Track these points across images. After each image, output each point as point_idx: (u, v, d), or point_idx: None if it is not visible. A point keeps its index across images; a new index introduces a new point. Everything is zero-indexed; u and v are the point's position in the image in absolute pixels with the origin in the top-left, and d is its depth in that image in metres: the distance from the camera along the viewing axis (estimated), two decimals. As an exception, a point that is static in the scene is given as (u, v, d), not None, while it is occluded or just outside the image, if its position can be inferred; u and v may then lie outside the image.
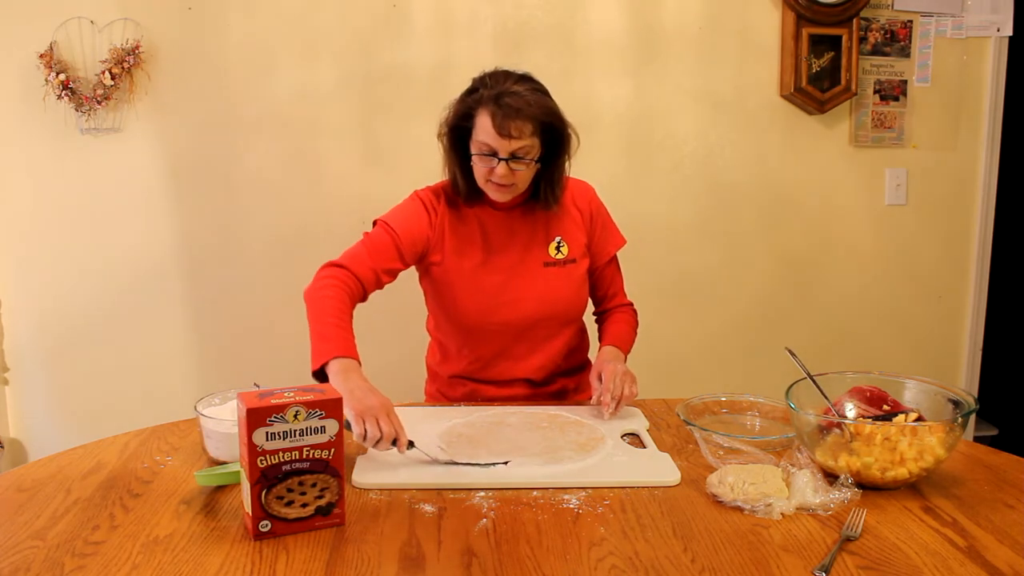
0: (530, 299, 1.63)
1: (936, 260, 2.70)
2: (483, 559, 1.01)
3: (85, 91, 2.34)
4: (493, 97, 1.49)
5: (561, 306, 1.66)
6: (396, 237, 1.59)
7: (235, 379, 2.42)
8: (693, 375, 2.67)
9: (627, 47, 2.49)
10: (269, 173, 2.46)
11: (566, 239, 1.66)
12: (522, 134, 1.49)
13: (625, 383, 1.51)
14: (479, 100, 1.51)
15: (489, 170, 1.53)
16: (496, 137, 1.49)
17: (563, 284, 1.65)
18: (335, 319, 1.45)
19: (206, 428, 1.30)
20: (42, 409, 2.54)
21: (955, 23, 2.56)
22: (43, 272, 2.46)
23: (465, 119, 1.55)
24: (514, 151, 1.50)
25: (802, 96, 2.51)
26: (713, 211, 2.60)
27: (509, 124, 1.47)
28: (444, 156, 1.62)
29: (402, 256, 1.61)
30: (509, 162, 1.51)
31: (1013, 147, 2.81)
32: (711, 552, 1.02)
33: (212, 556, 1.01)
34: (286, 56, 2.42)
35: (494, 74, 1.55)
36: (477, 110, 1.52)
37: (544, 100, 1.53)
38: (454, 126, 1.57)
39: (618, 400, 1.49)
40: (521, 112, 1.48)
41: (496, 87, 1.50)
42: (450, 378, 1.74)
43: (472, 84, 1.57)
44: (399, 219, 1.62)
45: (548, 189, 1.61)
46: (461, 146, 1.58)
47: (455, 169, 1.61)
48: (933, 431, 1.18)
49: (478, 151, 1.53)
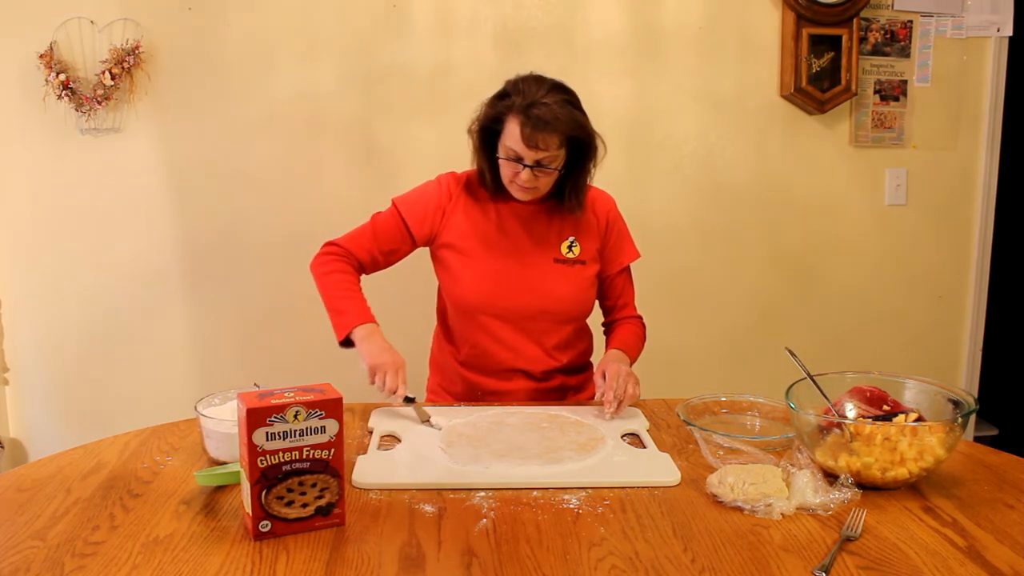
0: (534, 291, 1.67)
1: (936, 260, 2.70)
2: (483, 559, 1.01)
3: (85, 91, 2.34)
4: (524, 107, 1.54)
5: (564, 304, 1.69)
6: (403, 219, 1.68)
7: (235, 379, 2.42)
8: (693, 375, 2.66)
9: (627, 47, 2.49)
10: (269, 173, 2.46)
11: (579, 240, 1.70)
12: (548, 146, 1.55)
13: (628, 383, 1.53)
14: (510, 107, 1.56)
15: (514, 173, 1.60)
16: (523, 146, 1.55)
17: (569, 282, 1.69)
18: (346, 291, 1.64)
19: (206, 428, 1.30)
20: (42, 409, 2.54)
21: (955, 23, 2.57)
22: (43, 272, 2.46)
23: (495, 122, 1.60)
24: (539, 160, 1.57)
25: (802, 96, 2.51)
26: (713, 211, 2.60)
27: (537, 136, 1.53)
28: (473, 151, 1.69)
29: (411, 237, 1.69)
30: (534, 169, 1.57)
31: (1013, 147, 2.81)
32: (711, 552, 1.02)
33: (212, 556, 1.01)
34: (286, 56, 2.42)
35: (527, 80, 1.59)
36: (507, 116, 1.57)
37: (573, 113, 1.57)
38: (484, 127, 1.63)
39: (620, 400, 1.50)
40: (549, 125, 1.52)
41: (528, 96, 1.54)
42: (451, 369, 1.76)
43: (504, 88, 1.62)
44: (411, 201, 1.71)
45: (573, 194, 1.66)
46: (490, 145, 1.64)
47: (484, 165, 1.67)
48: (933, 431, 1.18)
49: (505, 155, 1.59)
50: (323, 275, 1.67)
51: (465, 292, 1.68)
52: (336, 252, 1.69)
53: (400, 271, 2.20)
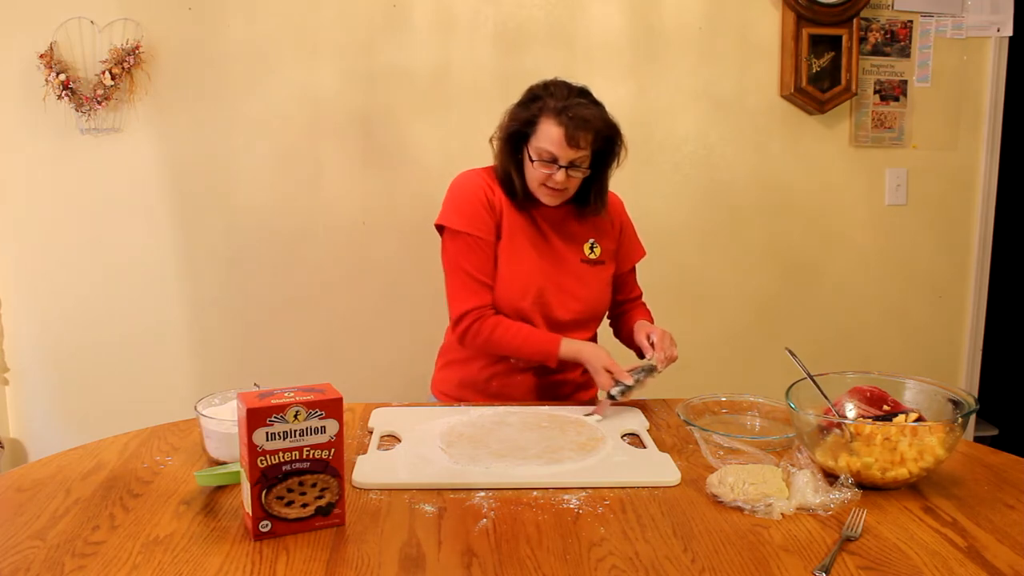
0: (569, 292, 1.71)
1: (936, 260, 2.70)
2: (483, 559, 1.01)
3: (85, 91, 2.34)
4: (560, 108, 1.57)
5: (592, 304, 1.75)
6: (483, 242, 1.66)
7: (235, 379, 2.42)
8: (693, 375, 2.66)
9: (627, 47, 2.49)
10: (269, 173, 2.46)
11: (599, 242, 1.75)
12: (587, 145, 1.59)
13: (674, 346, 1.62)
14: (543, 108, 1.59)
15: (547, 176, 1.61)
16: (563, 146, 1.57)
17: (596, 282, 1.75)
18: (526, 330, 1.65)
19: (206, 428, 1.30)
20: (42, 409, 2.54)
21: (955, 23, 2.56)
22: (43, 272, 2.46)
23: (527, 125, 1.62)
24: (573, 160, 1.60)
25: (802, 96, 2.51)
26: (713, 211, 2.60)
27: (579, 135, 1.56)
28: (498, 158, 1.70)
29: (492, 241, 1.68)
30: (568, 169, 1.60)
31: (1013, 147, 2.81)
32: (711, 552, 1.02)
33: (212, 556, 1.01)
34: (286, 56, 2.42)
35: (555, 84, 1.63)
36: (540, 118, 1.60)
37: (605, 114, 1.63)
38: (514, 131, 1.64)
39: (671, 360, 1.60)
40: (588, 123, 1.57)
41: (562, 99, 1.59)
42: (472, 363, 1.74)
43: (532, 93, 1.65)
44: (473, 223, 1.66)
45: (598, 196, 1.70)
46: (516, 151, 1.66)
47: (511, 170, 1.67)
48: (933, 431, 1.18)
49: (539, 157, 1.61)
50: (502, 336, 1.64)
51: (503, 291, 1.68)
52: (479, 316, 1.65)
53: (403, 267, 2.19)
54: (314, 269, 2.51)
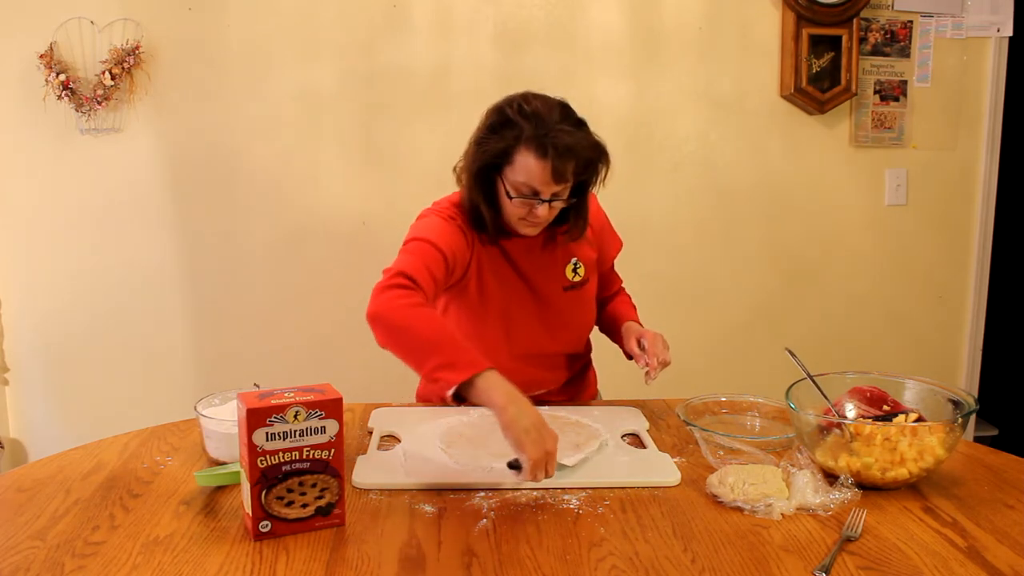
0: (553, 327, 1.61)
1: (936, 260, 2.70)
2: (483, 559, 1.01)
3: (85, 91, 2.34)
4: (539, 137, 1.37)
5: (579, 329, 1.67)
6: (444, 253, 1.44)
7: (235, 379, 2.42)
8: (693, 375, 2.66)
9: (627, 47, 2.49)
10: (269, 173, 2.46)
11: (581, 259, 1.62)
12: (571, 176, 1.43)
13: (666, 351, 1.53)
14: (519, 138, 1.39)
15: (527, 211, 1.44)
16: (545, 181, 1.39)
17: (580, 307, 1.65)
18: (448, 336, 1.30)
19: (206, 428, 1.30)
20: (42, 409, 2.54)
21: (955, 23, 2.56)
22: (43, 272, 2.46)
23: (500, 157, 1.42)
24: (556, 192, 1.43)
25: (802, 96, 2.51)
26: (713, 211, 2.60)
27: (564, 168, 1.39)
28: (466, 192, 1.50)
29: (451, 273, 1.47)
30: (551, 202, 1.44)
31: (1013, 147, 2.81)
32: (711, 552, 1.02)
33: (212, 556, 1.01)
34: (286, 56, 2.42)
35: (529, 104, 1.41)
36: (517, 149, 1.39)
37: (588, 134, 1.44)
38: (486, 164, 1.44)
39: (664, 364, 1.51)
40: (572, 152, 1.39)
41: (540, 126, 1.38)
42: None
43: (502, 116, 1.43)
44: (442, 237, 1.46)
45: (579, 220, 1.55)
46: (489, 183, 1.46)
47: (482, 206, 1.48)
48: (933, 431, 1.18)
49: (517, 192, 1.42)
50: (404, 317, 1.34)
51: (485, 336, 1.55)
52: (406, 285, 1.38)
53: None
54: (314, 269, 2.51)
